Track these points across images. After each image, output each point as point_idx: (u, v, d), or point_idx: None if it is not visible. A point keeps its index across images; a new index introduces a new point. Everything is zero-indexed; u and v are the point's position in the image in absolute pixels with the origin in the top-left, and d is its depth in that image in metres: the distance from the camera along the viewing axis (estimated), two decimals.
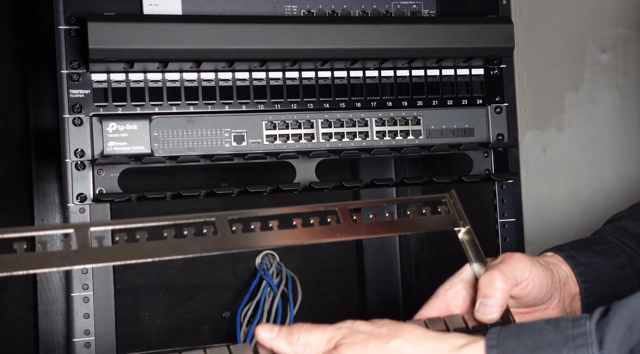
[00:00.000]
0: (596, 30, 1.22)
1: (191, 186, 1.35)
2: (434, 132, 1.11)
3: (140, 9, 1.01)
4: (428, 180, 1.09)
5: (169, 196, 1.01)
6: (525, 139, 1.32)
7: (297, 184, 1.05)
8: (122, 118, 1.00)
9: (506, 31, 1.09)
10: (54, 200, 1.29)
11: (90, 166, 0.98)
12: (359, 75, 1.10)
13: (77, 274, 0.98)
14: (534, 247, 1.31)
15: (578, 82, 1.26)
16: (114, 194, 0.98)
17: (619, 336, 0.52)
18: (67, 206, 0.98)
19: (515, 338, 0.55)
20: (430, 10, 1.13)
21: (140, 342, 1.35)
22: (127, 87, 1.01)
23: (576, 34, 1.25)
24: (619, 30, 1.20)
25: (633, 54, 1.18)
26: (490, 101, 1.14)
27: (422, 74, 1.12)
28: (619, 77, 1.20)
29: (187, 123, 1.02)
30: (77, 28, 0.99)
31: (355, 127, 1.08)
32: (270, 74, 1.06)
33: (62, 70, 0.99)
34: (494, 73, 1.15)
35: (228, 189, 1.02)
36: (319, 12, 1.08)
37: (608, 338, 0.52)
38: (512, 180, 1.15)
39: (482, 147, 1.12)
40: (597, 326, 0.53)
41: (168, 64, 0.99)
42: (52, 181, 1.29)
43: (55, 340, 1.30)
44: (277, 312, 1.31)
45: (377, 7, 1.11)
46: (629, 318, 0.52)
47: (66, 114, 0.98)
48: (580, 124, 1.26)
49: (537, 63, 1.31)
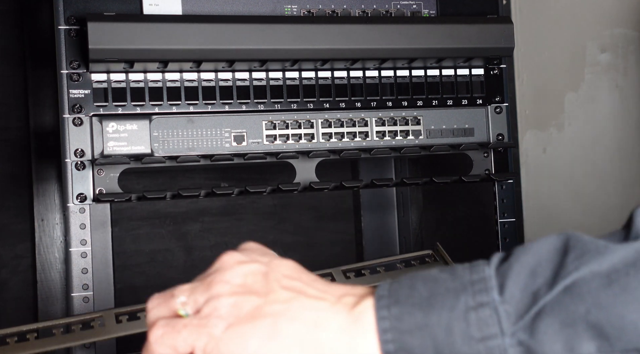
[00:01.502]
0: (596, 30, 1.22)
1: (191, 186, 1.35)
2: (434, 132, 1.11)
3: (140, 9, 1.01)
4: (428, 180, 1.09)
5: (169, 196, 1.01)
6: (525, 139, 1.32)
7: (297, 184, 1.05)
8: (122, 118, 1.00)
9: (506, 31, 1.09)
10: (54, 200, 1.29)
11: (90, 166, 0.98)
12: (359, 76, 1.10)
13: (76, 274, 0.98)
14: None
15: (578, 82, 1.26)
16: (114, 194, 0.98)
17: (522, 280, 0.49)
18: (67, 206, 0.98)
19: (408, 288, 0.51)
20: (430, 10, 1.13)
21: (140, 342, 1.35)
22: (127, 87, 1.01)
23: (576, 34, 1.25)
24: (619, 30, 1.20)
25: (633, 54, 1.18)
26: (490, 101, 1.14)
27: (422, 74, 1.12)
28: (619, 77, 1.20)
29: (187, 123, 1.02)
30: (77, 28, 0.99)
31: (355, 127, 1.08)
32: (270, 74, 1.06)
33: (62, 70, 0.99)
34: (494, 73, 1.15)
35: (228, 189, 1.02)
36: (319, 12, 1.08)
37: (510, 283, 0.49)
38: (512, 180, 1.15)
39: (482, 147, 1.12)
40: (497, 271, 0.50)
41: (168, 64, 0.99)
42: (52, 181, 1.29)
43: None
44: None
45: (377, 7, 1.11)
46: (532, 261, 0.50)
47: (66, 114, 0.98)
48: (580, 124, 1.26)
49: (537, 63, 1.31)
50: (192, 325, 0.53)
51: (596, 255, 0.49)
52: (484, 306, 0.49)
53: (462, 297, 0.50)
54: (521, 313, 0.49)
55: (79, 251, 0.98)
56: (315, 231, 1.48)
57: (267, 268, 0.55)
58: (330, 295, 0.54)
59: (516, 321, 0.49)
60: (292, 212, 1.46)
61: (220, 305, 0.53)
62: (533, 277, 0.49)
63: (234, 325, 0.52)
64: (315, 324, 0.52)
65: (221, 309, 0.52)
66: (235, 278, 0.54)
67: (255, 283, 0.54)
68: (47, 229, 1.29)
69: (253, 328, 0.52)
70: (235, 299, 0.53)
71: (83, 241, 0.98)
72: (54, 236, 1.30)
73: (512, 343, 0.48)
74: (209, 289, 0.54)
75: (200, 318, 0.53)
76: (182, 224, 1.40)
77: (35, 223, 1.29)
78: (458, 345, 0.49)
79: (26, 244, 1.30)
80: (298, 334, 0.51)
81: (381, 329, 0.50)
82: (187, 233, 1.40)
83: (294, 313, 0.52)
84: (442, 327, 0.49)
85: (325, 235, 1.48)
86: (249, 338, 0.51)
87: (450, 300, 0.50)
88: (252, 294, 0.53)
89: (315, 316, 0.52)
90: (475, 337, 0.49)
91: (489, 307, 0.49)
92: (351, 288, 0.55)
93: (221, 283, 0.54)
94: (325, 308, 0.52)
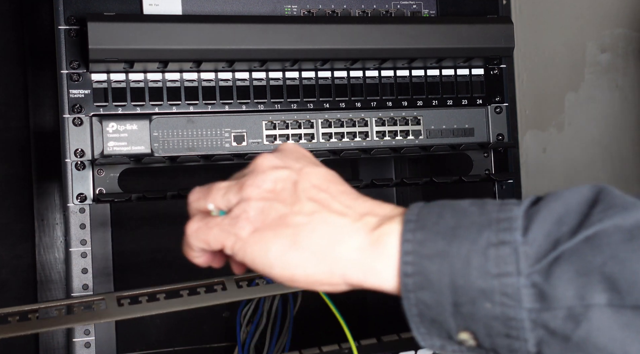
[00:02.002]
0: (596, 30, 1.22)
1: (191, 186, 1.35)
2: (434, 132, 1.11)
3: (140, 9, 1.01)
4: (428, 180, 1.10)
5: (169, 196, 1.01)
6: (525, 139, 1.32)
7: None
8: (122, 118, 1.00)
9: (506, 31, 1.09)
10: (54, 200, 1.29)
11: (90, 166, 0.98)
12: (359, 75, 1.10)
13: (76, 274, 0.98)
14: None
15: (578, 82, 1.26)
16: (114, 194, 0.98)
17: (547, 226, 0.50)
18: (67, 206, 0.98)
19: (436, 215, 0.52)
20: (430, 10, 1.13)
21: (140, 342, 1.35)
22: (127, 87, 1.01)
23: (576, 34, 1.25)
24: (619, 30, 1.20)
25: (633, 54, 1.18)
26: (490, 101, 1.15)
27: (422, 74, 1.12)
28: (619, 77, 1.20)
29: (187, 123, 1.02)
30: (77, 28, 0.99)
31: (355, 127, 1.08)
32: (270, 74, 1.06)
33: (62, 70, 0.99)
34: (494, 73, 1.15)
35: None
36: (319, 12, 1.08)
37: (534, 226, 0.50)
38: (512, 180, 1.15)
39: (482, 147, 1.13)
40: (526, 212, 0.51)
41: (168, 64, 0.99)
42: (52, 181, 1.29)
43: (55, 340, 1.29)
44: (277, 312, 1.31)
45: (377, 7, 1.11)
46: (560, 210, 0.50)
47: (66, 114, 0.98)
48: (580, 124, 1.26)
49: (537, 63, 1.31)
50: (223, 224, 0.56)
51: (622, 210, 0.50)
52: (505, 245, 0.50)
53: (486, 232, 0.50)
54: (539, 257, 0.49)
55: (79, 251, 0.98)
56: None
57: (298, 176, 0.57)
58: (352, 211, 0.55)
59: (533, 264, 0.49)
60: None
61: (249, 208, 0.55)
62: (558, 225, 0.50)
63: (259, 230, 0.55)
64: (334, 240, 0.53)
65: (250, 212, 0.55)
66: (265, 182, 0.56)
67: (283, 190, 0.56)
68: (47, 229, 1.29)
69: (275, 236, 0.54)
70: (263, 204, 0.55)
71: (83, 241, 0.98)
72: (54, 236, 1.30)
73: (527, 283, 0.49)
74: (241, 191, 0.57)
75: (230, 218, 0.56)
76: (182, 224, 1.39)
77: (35, 223, 1.29)
78: (473, 277, 0.50)
79: (26, 244, 1.30)
80: (316, 247, 0.53)
81: (404, 251, 0.52)
82: None
83: (314, 226, 0.54)
84: (460, 257, 0.50)
85: None
86: (271, 245, 0.54)
87: (474, 233, 0.51)
88: (279, 201, 0.55)
89: (334, 232, 0.54)
90: (491, 272, 0.49)
91: (510, 246, 0.50)
92: (377, 205, 0.56)
93: (252, 187, 0.56)
94: (346, 225, 0.54)
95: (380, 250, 0.53)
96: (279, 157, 0.59)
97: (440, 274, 0.50)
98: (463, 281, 0.50)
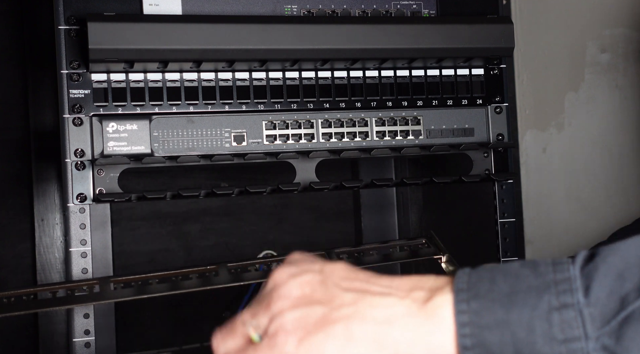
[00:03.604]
0: (596, 30, 1.22)
1: (191, 186, 1.35)
2: (434, 132, 1.11)
3: (140, 9, 1.01)
4: (428, 180, 1.09)
5: (169, 196, 1.01)
6: (525, 139, 1.32)
7: (297, 184, 1.05)
8: (122, 118, 1.00)
9: (506, 31, 1.09)
10: (54, 200, 1.29)
11: (90, 166, 0.98)
12: (359, 76, 1.10)
13: (76, 274, 0.98)
14: (534, 248, 1.31)
15: (578, 82, 1.25)
16: (114, 194, 0.98)
17: (609, 283, 0.48)
18: (67, 206, 0.98)
19: (488, 282, 0.50)
20: (430, 10, 1.13)
21: (140, 342, 1.35)
22: (127, 87, 1.01)
23: (576, 34, 1.25)
24: (619, 30, 1.20)
25: (633, 54, 1.18)
26: (490, 101, 1.14)
27: (422, 74, 1.12)
28: (619, 77, 1.20)
29: (187, 123, 1.02)
30: (77, 28, 0.99)
31: (355, 127, 1.08)
32: (270, 74, 1.06)
33: (62, 70, 0.99)
34: (494, 73, 1.15)
35: (228, 189, 1.02)
36: (319, 12, 1.08)
37: (595, 285, 0.48)
38: (512, 180, 1.15)
39: (482, 147, 1.12)
40: (582, 271, 0.49)
41: (168, 64, 0.99)
42: (52, 181, 1.29)
43: (55, 340, 1.29)
44: None
45: (377, 7, 1.11)
46: (620, 265, 0.48)
47: (66, 114, 0.98)
48: (580, 124, 1.26)
49: (537, 63, 1.31)
50: (263, 348, 0.52)
51: None
52: (568, 308, 0.48)
53: (545, 296, 0.49)
54: (607, 318, 0.48)
55: (79, 251, 0.98)
56: (315, 231, 1.48)
57: (322, 275, 0.54)
58: (396, 290, 0.53)
59: (602, 326, 0.48)
60: (292, 212, 1.46)
61: (285, 321, 0.52)
62: (621, 281, 0.48)
63: (306, 337, 0.51)
64: (388, 322, 0.51)
65: (287, 325, 0.52)
66: (293, 290, 0.53)
67: (314, 291, 0.53)
68: (47, 229, 1.29)
69: (326, 336, 0.51)
70: (300, 311, 0.52)
71: (83, 241, 0.98)
72: (54, 236, 1.30)
73: (596, 347, 0.48)
74: (269, 309, 0.53)
75: (269, 338, 0.52)
76: (182, 224, 1.40)
77: (35, 223, 1.29)
78: (539, 345, 0.48)
79: (26, 244, 1.30)
80: (372, 333, 0.51)
81: (459, 323, 0.50)
82: (187, 233, 1.40)
83: (363, 312, 0.52)
84: (523, 325, 0.48)
85: (325, 235, 1.48)
86: (325, 347, 0.51)
87: (533, 298, 0.49)
88: (315, 303, 0.53)
89: (386, 313, 0.51)
90: (558, 338, 0.48)
91: (573, 309, 0.48)
92: (417, 280, 0.54)
93: (281, 299, 0.53)
94: (395, 304, 0.52)
95: (437, 323, 0.50)
96: (293, 265, 0.56)
97: (502, 344, 0.49)
98: (528, 350, 0.48)
